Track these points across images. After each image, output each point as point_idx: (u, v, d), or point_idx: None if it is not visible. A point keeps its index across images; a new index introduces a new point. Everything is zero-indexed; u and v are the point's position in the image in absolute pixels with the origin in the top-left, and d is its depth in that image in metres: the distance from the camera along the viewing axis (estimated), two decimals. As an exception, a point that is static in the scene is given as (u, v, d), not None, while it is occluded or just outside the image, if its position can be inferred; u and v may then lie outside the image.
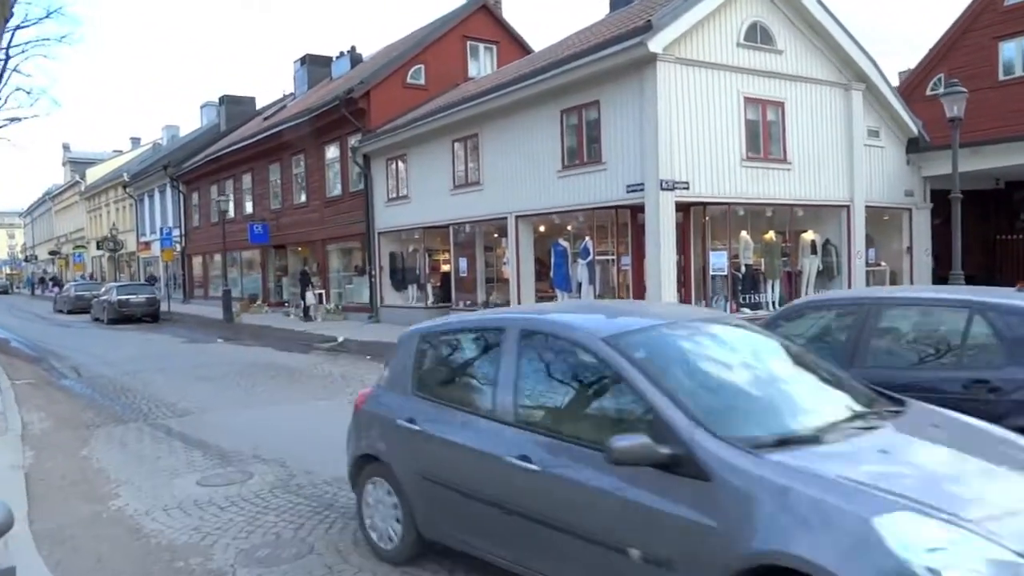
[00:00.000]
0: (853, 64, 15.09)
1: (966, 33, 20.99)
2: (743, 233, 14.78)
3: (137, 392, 11.22)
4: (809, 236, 15.57)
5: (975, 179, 15.86)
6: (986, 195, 19.25)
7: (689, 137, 13.15)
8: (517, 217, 16.12)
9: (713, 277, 14.04)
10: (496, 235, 17.98)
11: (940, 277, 17.53)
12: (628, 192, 13.34)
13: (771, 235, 15.15)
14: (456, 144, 18.11)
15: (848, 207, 15.49)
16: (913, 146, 16.53)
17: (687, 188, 13.11)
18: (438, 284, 19.90)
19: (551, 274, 15.74)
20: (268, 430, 8.41)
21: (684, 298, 13.84)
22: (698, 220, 13.97)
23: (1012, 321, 4.84)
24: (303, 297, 22.63)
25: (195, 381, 12.16)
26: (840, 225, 15.70)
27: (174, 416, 9.38)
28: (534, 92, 15.01)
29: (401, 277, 20.89)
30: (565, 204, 14.91)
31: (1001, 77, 19.98)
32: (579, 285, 14.89)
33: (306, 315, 22.17)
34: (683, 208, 13.51)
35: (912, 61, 48.91)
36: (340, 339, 16.58)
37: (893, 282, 17.33)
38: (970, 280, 14.47)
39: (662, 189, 12.74)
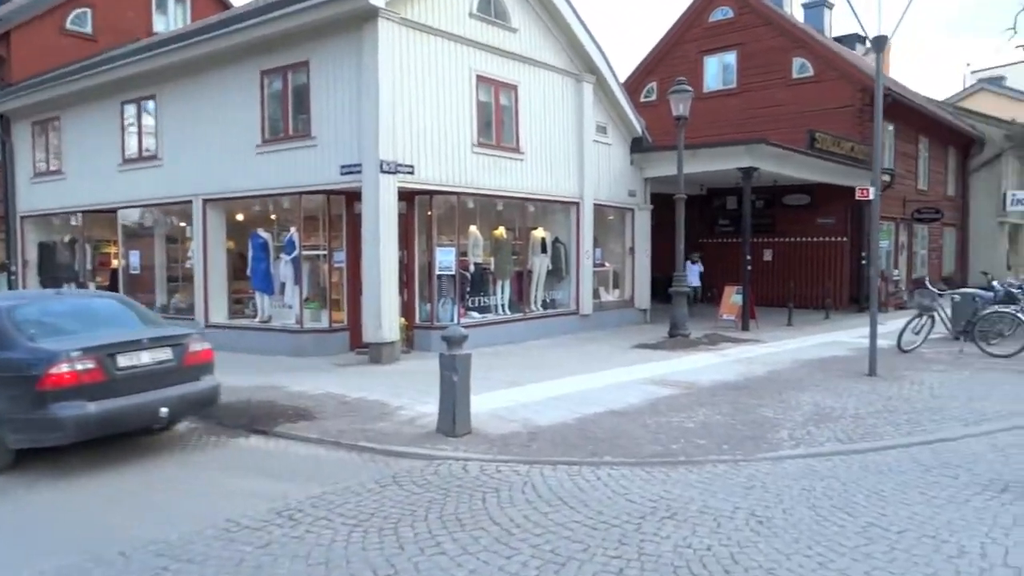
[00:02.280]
0: (585, 54, 14.43)
1: (676, 45, 22.03)
2: (472, 228, 13.36)
3: None
4: (540, 233, 14.66)
5: (686, 184, 16.22)
6: (693, 200, 20.23)
7: (415, 114, 11.33)
8: (205, 201, 13.07)
9: (439, 276, 12.36)
10: (183, 224, 14.62)
11: (655, 277, 17.88)
12: (343, 174, 11.13)
13: (502, 231, 13.93)
14: (127, 107, 14.43)
15: (578, 204, 14.84)
16: (637, 146, 16.46)
17: (412, 173, 11.27)
18: (106, 283, 15.91)
19: (248, 272, 12.93)
20: None
21: (408, 300, 12.00)
22: (423, 212, 12.22)
23: None
24: (-93, 299, 16.88)
25: None
26: (569, 223, 15.02)
27: None
28: (228, 45, 12.14)
29: (54, 274, 16.41)
30: (267, 187, 12.26)
31: (705, 89, 21.18)
32: (283, 286, 12.34)
33: (-89, 323, 16.54)
34: (407, 197, 11.68)
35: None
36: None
37: (616, 284, 17.23)
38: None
39: (383, 172, 10.74)
